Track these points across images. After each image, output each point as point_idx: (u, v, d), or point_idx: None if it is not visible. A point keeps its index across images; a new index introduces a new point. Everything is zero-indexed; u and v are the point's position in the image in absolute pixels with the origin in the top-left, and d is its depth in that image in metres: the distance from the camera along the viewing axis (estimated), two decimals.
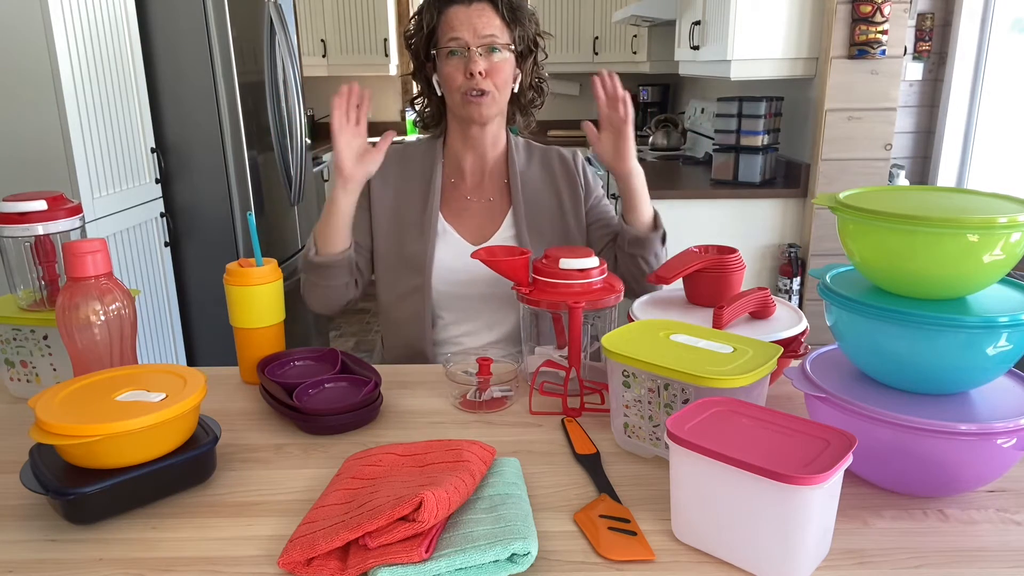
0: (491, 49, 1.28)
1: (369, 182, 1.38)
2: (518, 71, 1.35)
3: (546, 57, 1.41)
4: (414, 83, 1.42)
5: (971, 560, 0.68)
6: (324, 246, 1.27)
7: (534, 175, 1.41)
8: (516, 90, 1.36)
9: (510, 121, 1.42)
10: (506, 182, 1.40)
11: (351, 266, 1.31)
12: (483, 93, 1.28)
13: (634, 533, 0.72)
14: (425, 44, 1.33)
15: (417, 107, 1.44)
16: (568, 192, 1.40)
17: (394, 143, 1.41)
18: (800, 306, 2.74)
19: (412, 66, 1.40)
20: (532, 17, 1.34)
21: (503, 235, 1.37)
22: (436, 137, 1.42)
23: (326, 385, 1.04)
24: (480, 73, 1.27)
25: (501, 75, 1.29)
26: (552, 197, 1.40)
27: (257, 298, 1.09)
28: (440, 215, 1.37)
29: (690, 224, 2.72)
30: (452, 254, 1.35)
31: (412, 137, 5.03)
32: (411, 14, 1.38)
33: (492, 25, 1.28)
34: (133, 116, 2.33)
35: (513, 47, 1.31)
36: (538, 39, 1.36)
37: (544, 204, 1.39)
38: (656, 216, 1.35)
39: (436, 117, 1.42)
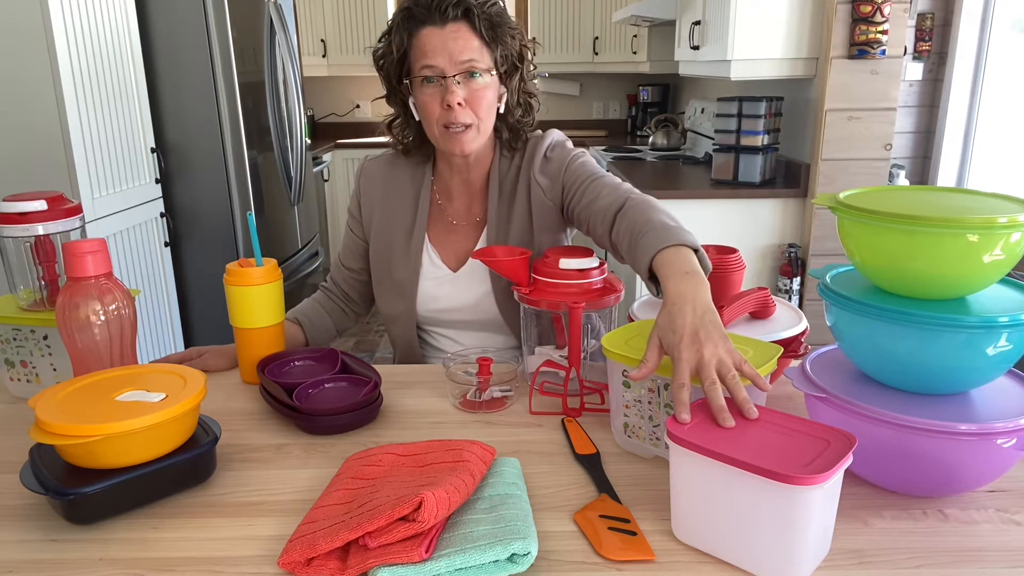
0: (470, 75, 1.16)
1: (359, 204, 1.34)
2: (503, 89, 1.23)
3: (535, 69, 1.28)
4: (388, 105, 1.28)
5: (971, 560, 0.68)
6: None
7: (509, 181, 1.28)
8: (502, 110, 1.24)
9: (499, 138, 1.29)
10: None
11: (322, 326, 1.34)
12: (465, 127, 1.17)
13: (634, 533, 0.72)
14: (397, 68, 1.21)
15: (395, 131, 1.31)
16: (527, 193, 1.26)
17: (384, 154, 1.36)
18: (800, 306, 2.74)
19: (384, 89, 1.27)
20: (515, 31, 1.21)
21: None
22: (426, 159, 1.32)
23: (326, 385, 1.04)
24: (460, 104, 1.15)
25: (483, 102, 1.17)
26: (519, 201, 1.26)
27: (257, 298, 1.09)
28: (426, 239, 1.30)
29: (690, 224, 2.70)
30: (434, 281, 1.29)
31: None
32: (380, 34, 1.24)
33: (470, 48, 1.15)
34: (133, 116, 2.33)
35: (495, 70, 1.19)
36: (524, 52, 1.24)
37: (515, 210, 1.27)
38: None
39: (418, 140, 1.29)
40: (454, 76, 1.15)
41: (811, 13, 2.56)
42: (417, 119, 1.24)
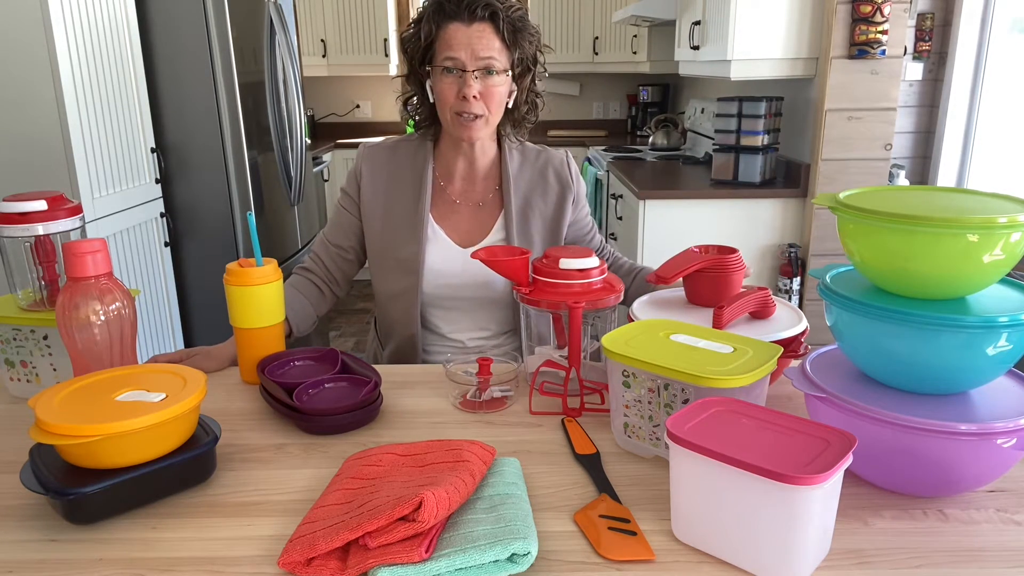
0: (488, 72, 1.25)
1: (359, 185, 1.39)
2: (514, 87, 1.32)
3: (545, 72, 1.37)
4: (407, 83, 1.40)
5: (971, 560, 0.68)
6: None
7: (527, 179, 1.39)
8: (510, 105, 1.34)
9: (501, 130, 1.39)
10: (498, 187, 1.39)
11: (303, 312, 1.33)
12: (475, 117, 1.26)
13: (634, 533, 0.72)
14: (421, 55, 1.30)
15: (411, 109, 1.42)
16: (559, 197, 1.40)
17: (384, 140, 1.44)
18: (800, 306, 2.74)
19: (406, 68, 1.38)
20: (533, 36, 1.31)
21: (493, 238, 1.37)
22: (427, 136, 1.40)
23: (326, 385, 1.04)
24: (475, 96, 1.24)
25: (495, 98, 1.27)
26: (543, 202, 1.39)
27: (257, 298, 1.09)
28: (430, 217, 1.37)
29: (690, 224, 2.72)
30: (442, 257, 1.35)
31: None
32: (411, 18, 1.36)
33: (491, 47, 1.24)
34: (133, 116, 2.33)
35: (510, 71, 1.28)
36: (538, 56, 1.33)
37: (536, 209, 1.39)
38: None
39: (429, 119, 1.39)
40: (473, 71, 1.24)
41: (811, 13, 2.56)
42: (431, 101, 1.33)
